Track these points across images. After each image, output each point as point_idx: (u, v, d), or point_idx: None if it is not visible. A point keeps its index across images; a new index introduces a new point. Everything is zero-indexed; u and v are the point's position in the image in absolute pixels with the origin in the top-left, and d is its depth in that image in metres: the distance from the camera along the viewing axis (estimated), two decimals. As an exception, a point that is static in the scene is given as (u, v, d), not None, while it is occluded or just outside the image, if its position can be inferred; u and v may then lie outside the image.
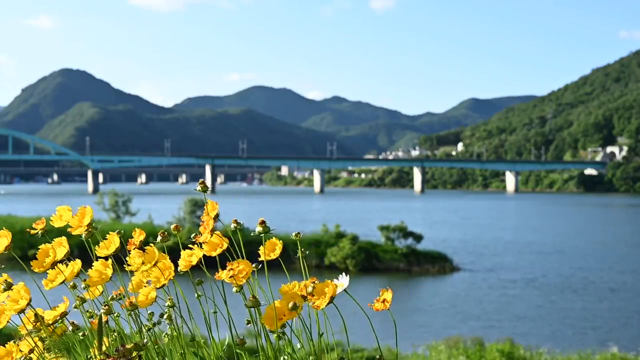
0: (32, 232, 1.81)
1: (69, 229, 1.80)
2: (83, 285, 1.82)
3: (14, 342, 1.75)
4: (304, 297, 1.68)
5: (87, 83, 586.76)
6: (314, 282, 1.67)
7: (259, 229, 1.76)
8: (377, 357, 1.69)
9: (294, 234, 1.84)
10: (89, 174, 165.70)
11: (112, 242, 1.79)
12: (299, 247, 1.79)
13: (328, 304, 1.64)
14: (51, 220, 1.81)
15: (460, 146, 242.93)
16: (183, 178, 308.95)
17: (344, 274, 1.71)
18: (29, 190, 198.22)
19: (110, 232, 1.81)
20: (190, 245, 1.79)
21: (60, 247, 1.78)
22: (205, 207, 1.79)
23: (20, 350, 1.76)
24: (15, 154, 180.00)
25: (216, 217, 1.78)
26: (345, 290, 1.67)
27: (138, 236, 1.83)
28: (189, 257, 1.79)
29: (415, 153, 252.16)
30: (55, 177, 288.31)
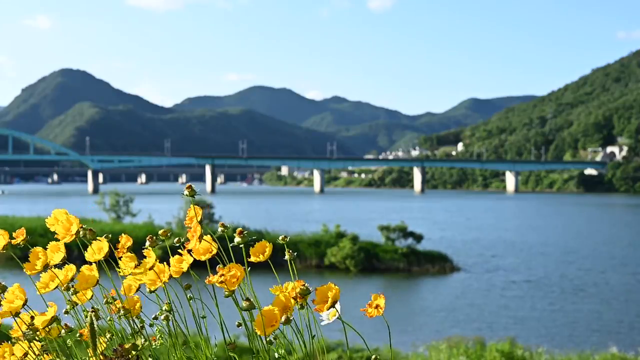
0: (14, 242, 1.78)
1: (55, 236, 1.77)
2: (71, 292, 1.79)
3: (8, 343, 1.73)
4: (295, 299, 1.67)
5: (87, 83, 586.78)
6: (303, 285, 1.67)
7: (237, 239, 1.74)
8: (374, 357, 1.70)
9: (280, 238, 1.83)
10: (89, 174, 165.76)
11: (101, 248, 1.78)
12: (287, 250, 1.78)
13: (329, 308, 1.65)
14: (47, 223, 1.79)
15: (460, 146, 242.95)
16: (183, 178, 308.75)
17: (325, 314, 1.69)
18: (29, 190, 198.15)
19: (98, 237, 1.80)
20: (179, 251, 1.78)
21: (57, 252, 1.76)
22: (187, 212, 1.77)
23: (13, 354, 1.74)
24: (15, 154, 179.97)
25: (201, 222, 1.76)
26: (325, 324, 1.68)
27: (125, 242, 1.82)
28: (178, 264, 1.77)
29: (415, 153, 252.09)
30: (55, 177, 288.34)
